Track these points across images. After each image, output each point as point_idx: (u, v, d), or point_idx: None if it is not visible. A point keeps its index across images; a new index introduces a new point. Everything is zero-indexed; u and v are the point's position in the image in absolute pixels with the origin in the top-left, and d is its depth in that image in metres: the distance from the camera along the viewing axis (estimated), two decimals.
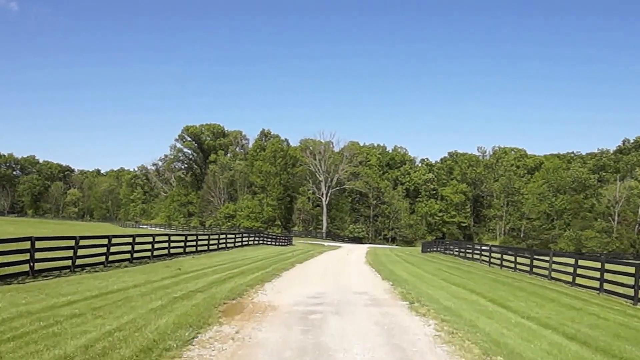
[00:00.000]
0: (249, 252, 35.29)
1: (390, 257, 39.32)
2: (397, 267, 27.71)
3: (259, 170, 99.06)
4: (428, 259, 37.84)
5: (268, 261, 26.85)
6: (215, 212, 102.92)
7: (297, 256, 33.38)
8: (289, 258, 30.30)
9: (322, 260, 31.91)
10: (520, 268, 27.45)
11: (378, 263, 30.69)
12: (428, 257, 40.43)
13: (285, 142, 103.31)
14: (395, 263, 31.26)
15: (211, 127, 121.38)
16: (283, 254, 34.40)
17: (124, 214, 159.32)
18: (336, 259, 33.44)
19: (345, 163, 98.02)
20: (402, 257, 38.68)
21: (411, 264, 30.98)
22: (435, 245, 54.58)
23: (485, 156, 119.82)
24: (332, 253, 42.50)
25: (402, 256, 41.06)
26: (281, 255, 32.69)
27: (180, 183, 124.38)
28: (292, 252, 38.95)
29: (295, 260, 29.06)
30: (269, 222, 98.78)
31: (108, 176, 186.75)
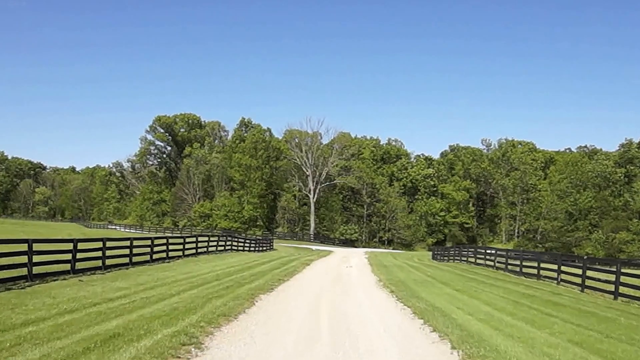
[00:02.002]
0: (202, 266, 23.76)
1: (405, 269, 27.93)
2: (435, 296, 16.40)
3: (238, 163, 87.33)
4: (459, 273, 26.56)
5: (212, 289, 15.36)
6: (189, 211, 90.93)
7: (271, 272, 21.97)
8: (256, 279, 18.78)
9: (309, 280, 20.46)
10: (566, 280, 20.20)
11: (398, 284, 19.36)
12: (454, 270, 29.08)
13: (268, 132, 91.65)
14: (426, 285, 19.86)
15: (186, 117, 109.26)
16: (251, 269, 22.91)
17: (97, 213, 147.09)
18: (332, 277, 21.96)
19: (335, 156, 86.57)
20: (422, 270, 27.31)
21: (451, 287, 19.62)
22: (452, 251, 43.21)
23: (490, 150, 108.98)
24: (323, 263, 31.01)
25: (420, 267, 29.68)
26: (246, 272, 21.20)
27: (153, 179, 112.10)
28: (268, 262, 27.52)
29: (265, 283, 17.56)
30: (250, 223, 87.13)
31: (82, 174, 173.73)
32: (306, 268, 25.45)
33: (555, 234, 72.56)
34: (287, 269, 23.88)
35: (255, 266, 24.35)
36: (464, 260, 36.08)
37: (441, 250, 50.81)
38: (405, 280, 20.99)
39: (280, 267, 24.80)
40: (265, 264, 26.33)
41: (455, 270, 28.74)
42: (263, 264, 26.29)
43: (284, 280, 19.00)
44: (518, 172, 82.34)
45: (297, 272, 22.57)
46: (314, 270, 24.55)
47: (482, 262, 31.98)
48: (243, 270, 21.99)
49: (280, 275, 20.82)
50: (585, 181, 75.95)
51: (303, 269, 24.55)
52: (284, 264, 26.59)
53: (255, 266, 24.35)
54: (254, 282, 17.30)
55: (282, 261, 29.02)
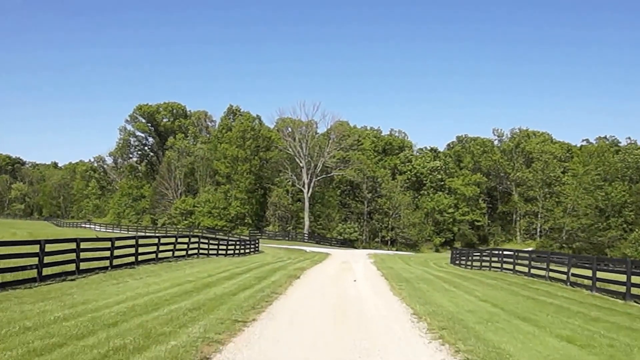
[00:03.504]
0: (128, 286, 14.70)
1: (437, 285, 18.58)
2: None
3: (224, 154, 78.13)
4: (519, 292, 17.45)
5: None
6: (170, 208, 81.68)
7: (232, 299, 12.93)
8: (187, 324, 9.63)
9: (292, 319, 11.15)
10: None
11: (457, 329, 10.21)
12: (501, 283, 19.95)
13: (257, 120, 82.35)
14: (506, 329, 10.67)
15: (169, 106, 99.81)
16: (201, 292, 13.83)
17: (76, 211, 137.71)
18: (331, 308, 12.69)
19: (332, 146, 77.43)
20: (463, 288, 18.02)
21: (549, 331, 10.55)
22: (476, 255, 34.00)
23: (502, 140, 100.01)
24: (317, 274, 21.83)
25: (453, 281, 20.36)
26: (185, 302, 12.08)
27: (133, 174, 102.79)
28: (240, 275, 18.56)
29: (195, 339, 8.39)
30: (237, 221, 77.99)
31: (64, 169, 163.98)
32: (292, 286, 16.35)
33: (584, 233, 63.73)
34: (263, 289, 14.81)
35: (214, 285, 15.25)
36: (495, 268, 27.26)
37: (460, 253, 41.82)
38: (462, 317, 11.93)
39: (255, 284, 15.75)
40: (234, 278, 17.27)
41: (503, 284, 19.68)
42: (231, 278, 17.24)
43: (245, 324, 9.93)
44: (539, 163, 73.19)
45: (276, 298, 13.48)
46: (303, 291, 15.41)
47: (524, 269, 23.29)
48: (184, 296, 12.92)
49: (245, 306, 11.78)
50: (614, 173, 67.18)
51: (287, 289, 15.43)
52: (263, 278, 17.49)
53: (214, 285, 15.25)
54: (169, 341, 8.19)
55: (262, 272, 19.95)
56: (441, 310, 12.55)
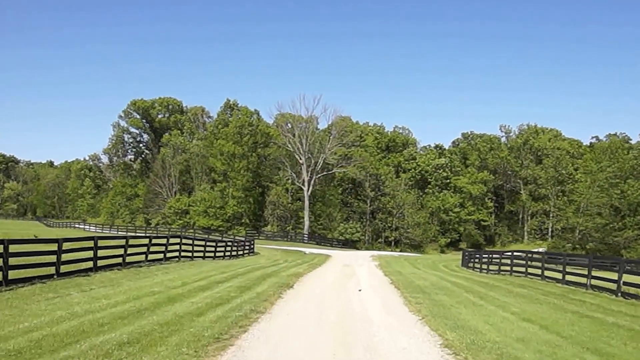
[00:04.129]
0: (75, 300, 11.20)
1: (461, 297, 14.91)
2: None
3: (220, 151, 74.61)
4: (565, 306, 13.89)
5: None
6: (164, 207, 78.19)
7: (204, 314, 9.38)
8: (147, 349, 6.18)
9: (275, 346, 7.74)
10: None
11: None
12: (534, 293, 16.40)
13: (256, 115, 78.73)
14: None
15: (165, 102, 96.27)
16: (162, 308, 10.30)
17: (71, 210, 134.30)
18: (330, 331, 9.25)
19: (333, 141, 73.85)
20: (495, 302, 14.42)
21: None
22: (495, 258, 30.35)
23: (510, 137, 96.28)
24: (315, 282, 18.28)
25: (478, 291, 16.75)
26: (152, 318, 8.56)
27: (127, 172, 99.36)
28: (221, 283, 15.09)
29: None
30: (234, 220, 74.48)
31: (59, 168, 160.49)
32: (282, 299, 12.83)
33: (599, 234, 60.14)
34: (241, 305, 11.30)
35: (181, 299, 11.73)
36: (518, 272, 23.79)
37: (471, 255, 38.28)
38: (515, 352, 8.41)
39: (234, 297, 12.24)
40: (211, 289, 13.75)
41: (537, 294, 16.14)
42: (207, 288, 13.72)
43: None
44: (551, 159, 69.36)
45: (255, 320, 9.99)
46: (294, 308, 11.83)
47: (555, 275, 19.87)
48: (130, 319, 9.44)
49: (206, 336, 8.29)
50: (629, 170, 63.53)
51: (274, 304, 11.89)
52: (246, 289, 13.95)
53: (181, 299, 11.73)
54: None
55: (248, 279, 16.43)
56: (481, 340, 9.05)
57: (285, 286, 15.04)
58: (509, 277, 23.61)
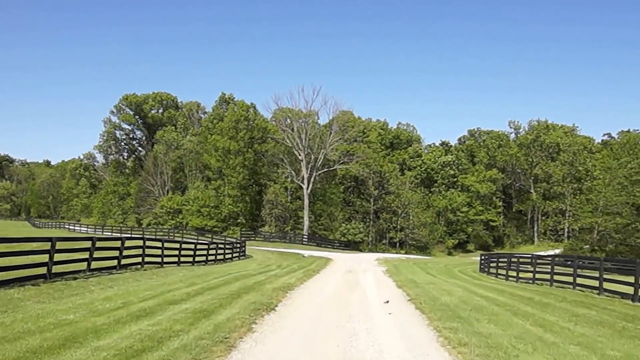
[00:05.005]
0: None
1: (508, 320, 10.68)
2: None
3: (215, 147, 70.44)
4: None
5: None
6: (156, 207, 74.05)
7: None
8: None
9: None
10: None
11: None
12: (609, 317, 12.12)
13: (252, 108, 74.45)
14: None
15: (158, 97, 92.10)
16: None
17: (66, 210, 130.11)
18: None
19: (334, 137, 69.55)
20: (561, 329, 10.18)
21: None
22: (525, 262, 25.96)
23: (519, 133, 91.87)
24: (309, 295, 14.06)
25: (521, 308, 12.41)
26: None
27: (119, 170, 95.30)
28: (178, 302, 10.85)
29: None
30: (229, 220, 70.29)
31: (54, 167, 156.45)
32: (252, 335, 8.43)
33: (619, 234, 55.80)
34: (184, 348, 7.13)
35: (94, 337, 7.55)
36: (561, 282, 19.61)
37: (489, 260, 34.04)
38: None
39: (177, 334, 7.99)
40: (155, 315, 9.54)
41: (613, 317, 11.82)
42: (148, 314, 9.52)
43: None
44: (567, 155, 64.75)
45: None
46: (266, 354, 7.54)
47: (622, 289, 15.72)
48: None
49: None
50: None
51: (234, 348, 7.60)
52: (206, 315, 9.65)
53: (94, 337, 7.55)
54: None
55: (217, 297, 12.17)
56: None
57: (264, 308, 10.85)
58: (550, 288, 19.38)
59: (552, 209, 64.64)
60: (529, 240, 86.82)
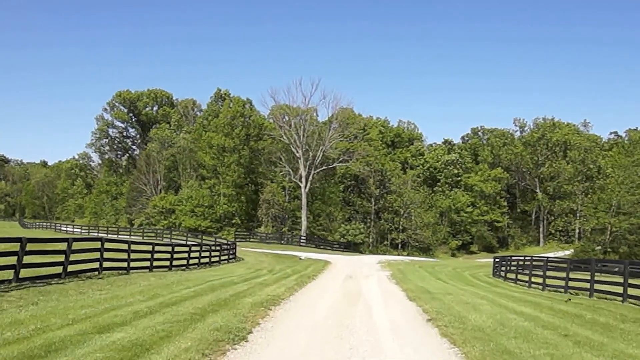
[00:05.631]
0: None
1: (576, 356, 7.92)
2: None
3: (209, 144, 67.48)
4: None
5: None
6: (148, 206, 71.06)
7: None
8: None
9: None
10: None
11: None
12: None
13: (248, 104, 71.39)
14: None
15: (153, 94, 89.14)
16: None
17: (61, 211, 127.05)
18: None
19: (333, 134, 66.52)
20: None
21: None
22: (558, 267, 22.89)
23: (525, 131, 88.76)
24: (298, 313, 11.20)
25: (580, 334, 9.59)
26: None
27: (112, 168, 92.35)
28: (112, 327, 7.98)
29: None
30: (224, 221, 67.33)
31: (49, 168, 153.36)
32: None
33: (634, 236, 52.89)
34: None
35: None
36: (607, 294, 16.66)
37: (501, 263, 31.11)
38: None
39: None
40: (59, 356, 6.66)
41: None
42: (48, 354, 6.60)
43: None
44: (577, 152, 61.51)
45: None
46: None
47: None
48: None
49: None
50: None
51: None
52: (142, 352, 6.84)
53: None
54: None
55: (172, 318, 9.31)
56: None
57: (231, 338, 7.91)
58: (592, 300, 16.38)
59: (562, 209, 61.40)
60: (534, 242, 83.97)
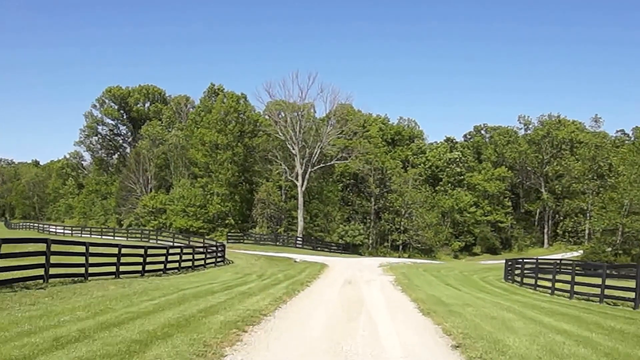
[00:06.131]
0: None
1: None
2: None
3: (201, 140, 64.68)
4: None
5: None
6: (137, 206, 68.20)
7: None
8: None
9: None
10: None
11: None
12: None
13: (243, 99, 68.48)
14: None
15: (144, 90, 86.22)
16: None
17: (51, 211, 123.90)
18: None
19: (332, 128, 63.76)
20: None
21: None
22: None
23: (529, 129, 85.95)
24: (274, 344, 8.44)
25: None
26: None
27: (101, 167, 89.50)
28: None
29: None
30: (217, 221, 64.53)
31: (41, 167, 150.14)
32: None
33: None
34: None
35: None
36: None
37: (514, 266, 28.43)
38: None
39: None
40: None
41: None
42: None
43: None
44: (588, 149, 58.63)
45: None
46: None
47: None
48: None
49: None
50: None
51: None
52: None
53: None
54: None
55: (97, 355, 6.56)
56: None
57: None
58: (638, 311, 13.62)
59: (571, 209, 58.51)
60: (538, 243, 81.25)
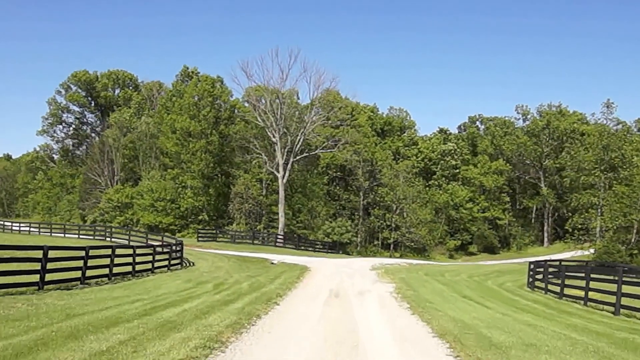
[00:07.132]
0: None
1: None
2: None
3: (172, 127, 58.35)
4: None
5: None
6: (101, 200, 61.67)
7: None
8: None
9: None
10: None
11: None
12: None
13: (219, 83, 62.18)
14: None
15: (114, 75, 79.27)
16: None
17: (20, 207, 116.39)
18: None
19: (316, 115, 57.82)
20: None
21: None
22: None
23: (527, 120, 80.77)
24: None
25: None
26: None
27: (67, 158, 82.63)
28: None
29: None
30: (190, 217, 58.26)
31: (13, 162, 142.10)
32: None
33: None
34: None
35: None
36: None
37: (543, 270, 22.94)
38: None
39: None
40: None
41: None
42: None
43: None
44: (598, 138, 53.56)
45: None
46: None
47: None
48: None
49: None
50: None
51: None
52: None
53: None
54: None
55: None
56: None
57: None
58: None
59: (581, 204, 53.57)
60: (537, 242, 76.38)
